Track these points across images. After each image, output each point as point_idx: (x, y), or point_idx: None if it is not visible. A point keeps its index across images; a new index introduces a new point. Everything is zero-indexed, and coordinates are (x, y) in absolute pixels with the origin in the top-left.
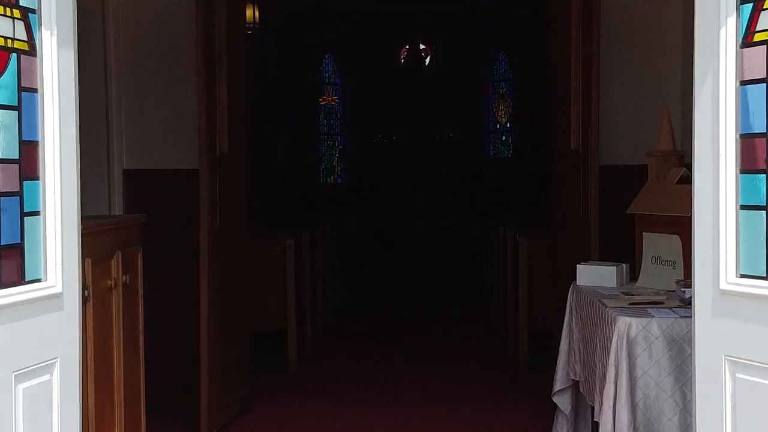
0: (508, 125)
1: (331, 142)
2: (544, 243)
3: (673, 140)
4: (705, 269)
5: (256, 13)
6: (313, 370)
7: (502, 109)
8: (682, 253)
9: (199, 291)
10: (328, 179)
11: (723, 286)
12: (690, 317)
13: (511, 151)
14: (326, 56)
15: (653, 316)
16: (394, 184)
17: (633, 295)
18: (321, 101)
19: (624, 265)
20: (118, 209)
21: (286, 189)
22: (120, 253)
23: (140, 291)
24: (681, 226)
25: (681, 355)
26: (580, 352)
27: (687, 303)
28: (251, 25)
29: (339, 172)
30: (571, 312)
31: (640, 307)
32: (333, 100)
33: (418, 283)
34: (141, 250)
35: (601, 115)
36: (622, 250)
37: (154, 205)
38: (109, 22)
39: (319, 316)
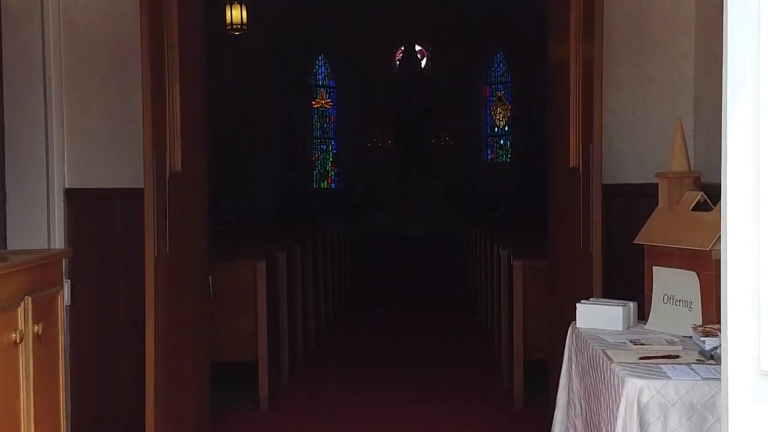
0: (506, 129)
1: (325, 146)
2: (542, 266)
3: (688, 159)
4: (741, 342)
5: (244, 14)
6: (288, 407)
7: (501, 112)
8: (699, 293)
9: (145, 330)
10: (322, 184)
11: (766, 366)
12: (715, 378)
13: (509, 156)
14: (320, 58)
15: (669, 378)
16: (389, 190)
17: (643, 344)
18: (314, 104)
19: (631, 304)
20: (58, 234)
21: (277, 196)
22: (30, 298)
23: (61, 339)
24: (698, 262)
25: (702, 425)
26: (581, 405)
27: (708, 357)
28: (239, 27)
29: (333, 177)
30: (570, 358)
31: (652, 363)
32: (327, 103)
33: (409, 296)
34: (62, 291)
35: (603, 127)
36: (629, 283)
37: (101, 229)
38: (49, 23)
39: (298, 341)
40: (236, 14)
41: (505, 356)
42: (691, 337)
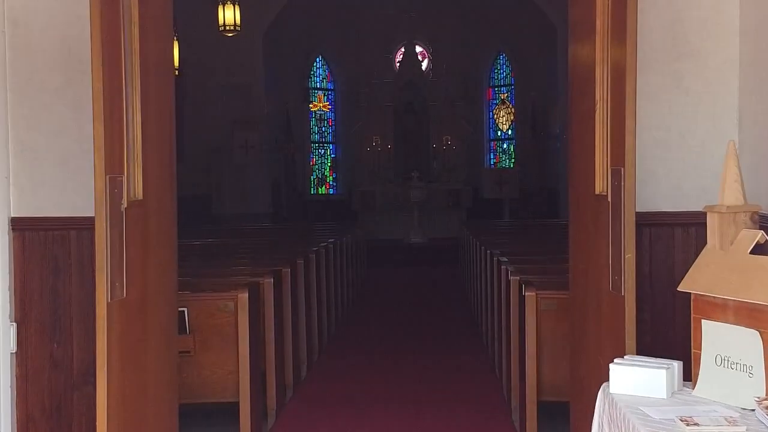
0: (510, 132)
1: (323, 151)
2: (558, 297)
3: (743, 190)
4: None
5: (237, 15)
6: None
7: (504, 116)
8: (763, 355)
9: (96, 387)
10: (320, 190)
11: None
12: None
13: (513, 161)
14: (317, 59)
15: None
16: (389, 196)
17: (697, 424)
18: (312, 107)
19: (675, 364)
20: (2, 270)
21: (273, 202)
22: None
23: None
24: (761, 318)
25: None
26: None
27: None
28: (232, 28)
29: (332, 183)
30: (601, 429)
31: None
32: (325, 106)
33: (409, 313)
34: None
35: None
36: (663, 330)
37: (53, 264)
38: None
39: (287, 373)
40: (229, 15)
41: (515, 394)
42: (753, 410)
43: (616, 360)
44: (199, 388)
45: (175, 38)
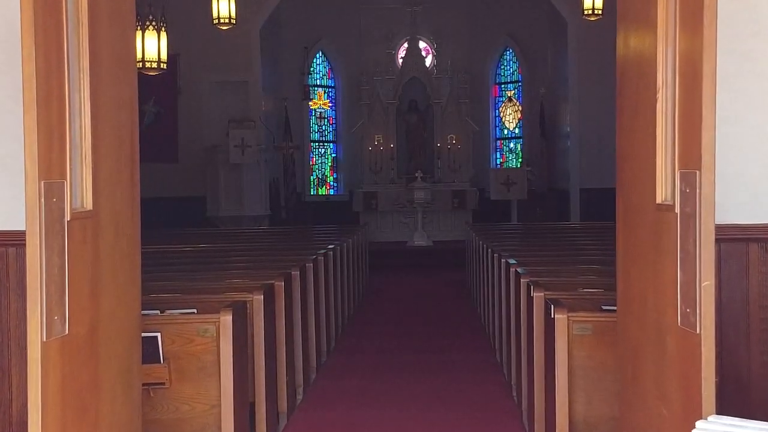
0: (517, 131)
1: (324, 150)
2: (594, 319)
3: None
4: None
5: (233, 8)
6: None
7: (511, 114)
8: None
9: None
10: (320, 191)
11: None
12: None
13: (520, 160)
14: (318, 55)
15: None
16: (392, 197)
17: None
18: (311, 105)
19: None
20: None
21: (271, 204)
22: None
23: None
24: None
25: None
26: None
27: None
28: (227, 21)
29: (332, 183)
30: None
31: None
32: (325, 104)
33: (415, 324)
34: None
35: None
36: (736, 372)
37: None
38: None
39: (280, 401)
40: (224, 7)
41: (540, 429)
42: None
43: (699, 425)
44: (175, 425)
45: (164, 30)
